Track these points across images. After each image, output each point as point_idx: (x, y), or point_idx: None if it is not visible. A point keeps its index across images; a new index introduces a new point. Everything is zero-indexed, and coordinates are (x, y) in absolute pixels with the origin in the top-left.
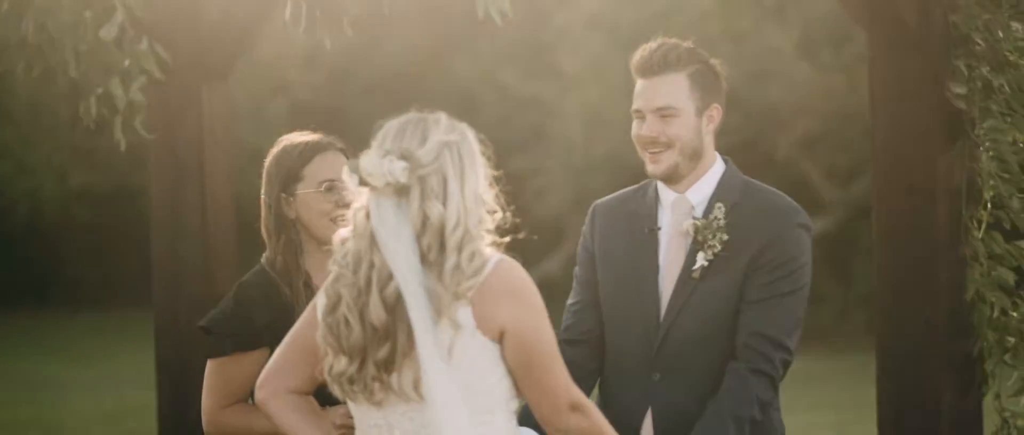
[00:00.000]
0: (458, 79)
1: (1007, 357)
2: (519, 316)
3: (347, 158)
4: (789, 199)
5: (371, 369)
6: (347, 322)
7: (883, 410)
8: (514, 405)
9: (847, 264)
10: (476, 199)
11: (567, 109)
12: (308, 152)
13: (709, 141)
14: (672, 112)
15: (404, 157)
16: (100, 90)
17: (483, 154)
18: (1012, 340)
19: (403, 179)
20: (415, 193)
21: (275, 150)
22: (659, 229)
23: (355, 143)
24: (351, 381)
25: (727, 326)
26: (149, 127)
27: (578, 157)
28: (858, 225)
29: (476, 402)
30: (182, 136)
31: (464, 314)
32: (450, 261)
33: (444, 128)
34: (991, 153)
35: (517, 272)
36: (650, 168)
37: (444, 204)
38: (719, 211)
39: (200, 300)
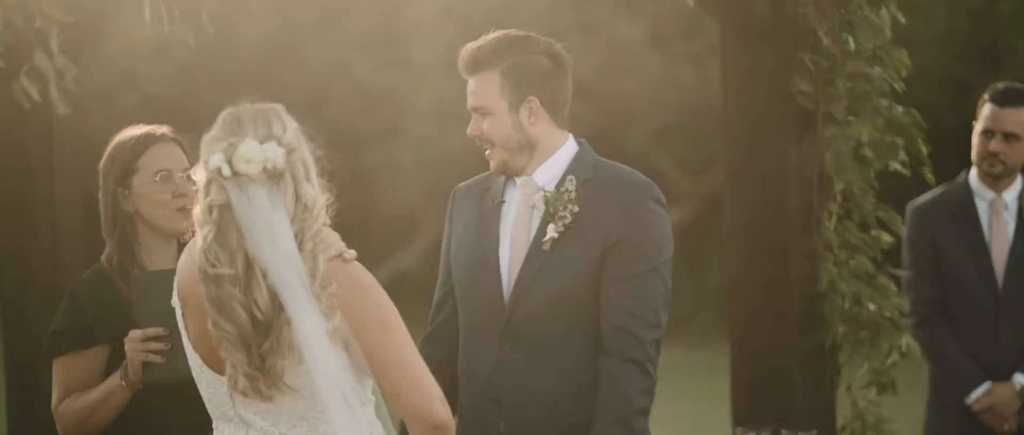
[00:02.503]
0: (310, 72)
1: (861, 349)
2: (361, 311)
3: (182, 148)
4: (641, 175)
5: (256, 360)
6: (233, 312)
7: (737, 401)
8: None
9: (700, 255)
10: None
11: (420, 102)
12: (141, 144)
13: (541, 129)
14: (485, 111)
15: (278, 143)
16: (27, 67)
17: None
18: (864, 333)
19: (280, 164)
20: (289, 177)
21: (109, 147)
22: (503, 202)
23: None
24: (245, 375)
25: (576, 300)
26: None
27: (431, 150)
28: (711, 217)
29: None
30: (30, 130)
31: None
32: (309, 246)
33: (286, 115)
34: (836, 150)
35: (356, 266)
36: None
37: (312, 187)
38: (571, 183)
39: (49, 296)
